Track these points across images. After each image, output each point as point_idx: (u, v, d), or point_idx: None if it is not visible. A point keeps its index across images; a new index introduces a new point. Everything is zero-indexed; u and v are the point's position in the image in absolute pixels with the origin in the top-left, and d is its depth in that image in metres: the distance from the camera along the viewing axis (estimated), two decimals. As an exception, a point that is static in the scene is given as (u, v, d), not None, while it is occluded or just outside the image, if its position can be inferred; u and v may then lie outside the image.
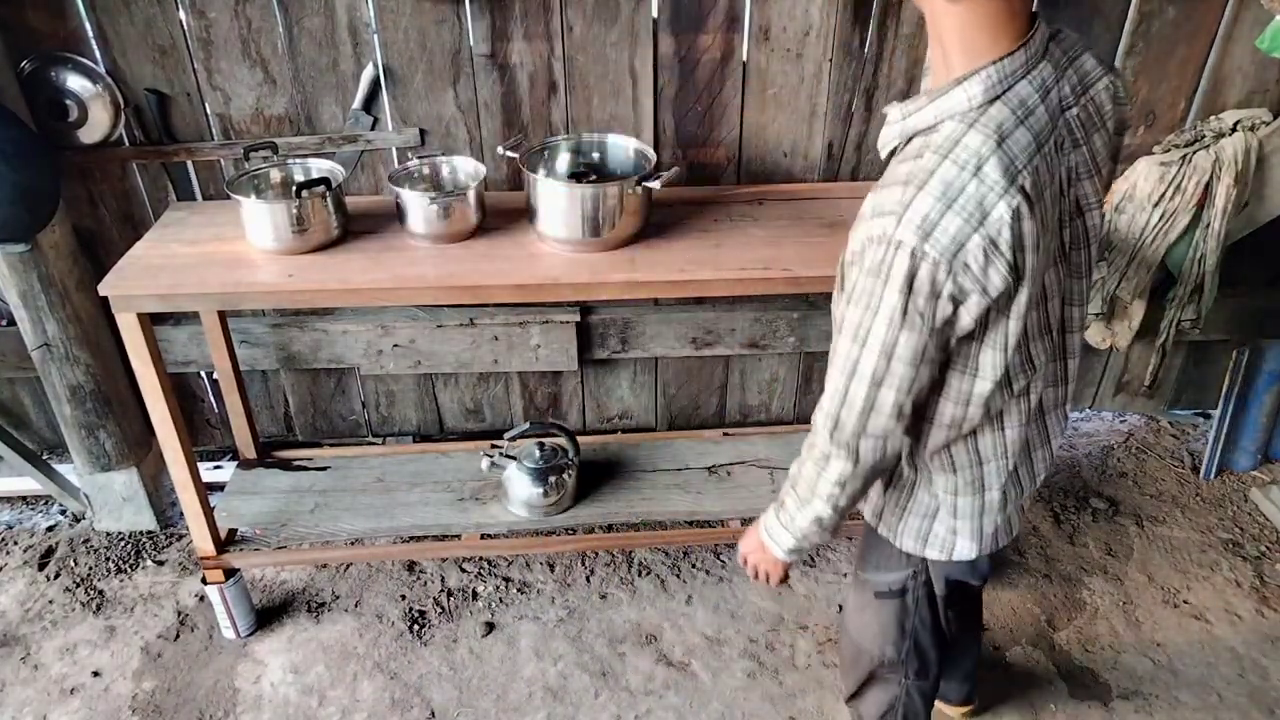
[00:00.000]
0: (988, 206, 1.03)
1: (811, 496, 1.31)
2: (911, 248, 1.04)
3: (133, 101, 2.24)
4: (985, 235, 1.03)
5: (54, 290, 2.28)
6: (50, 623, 2.42)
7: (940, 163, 1.05)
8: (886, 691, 1.72)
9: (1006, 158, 1.04)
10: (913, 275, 1.05)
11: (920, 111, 1.11)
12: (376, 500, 2.41)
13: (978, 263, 1.04)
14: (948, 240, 1.03)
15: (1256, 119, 2.34)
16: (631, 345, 2.66)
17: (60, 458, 2.84)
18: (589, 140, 2.19)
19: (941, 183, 1.04)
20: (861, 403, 1.18)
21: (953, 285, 1.05)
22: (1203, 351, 2.87)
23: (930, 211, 1.03)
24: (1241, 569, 2.54)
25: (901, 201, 1.05)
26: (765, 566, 1.48)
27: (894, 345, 1.11)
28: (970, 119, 1.06)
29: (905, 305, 1.07)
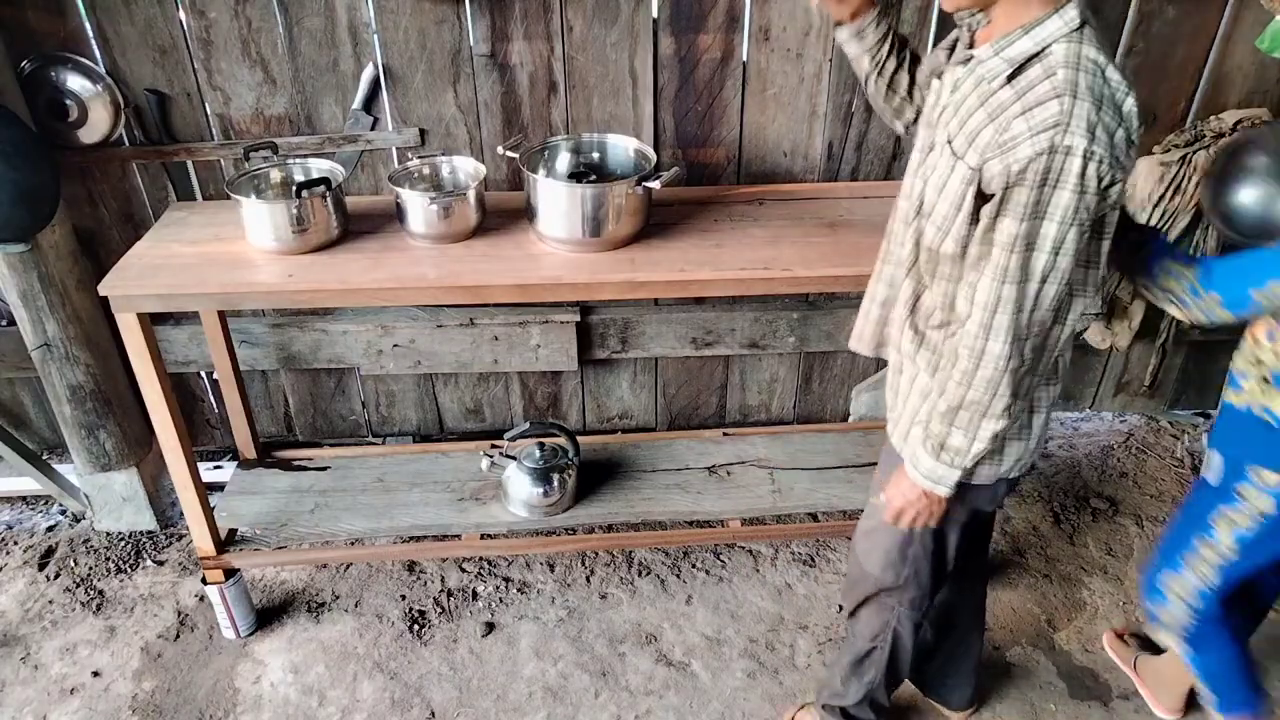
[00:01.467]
0: (1119, 103, 1.24)
1: (984, 419, 1.40)
2: (1083, 149, 1.20)
3: (133, 101, 2.24)
4: (1125, 128, 1.24)
5: (54, 290, 2.28)
6: (50, 623, 2.42)
7: (1077, 75, 1.22)
8: (880, 615, 1.79)
9: (1116, 63, 1.26)
10: (1083, 174, 1.21)
11: (1017, 43, 1.27)
12: (376, 500, 2.41)
13: (1125, 152, 1.24)
14: (1107, 138, 1.21)
15: (1256, 119, 2.34)
16: (631, 345, 2.66)
17: (60, 458, 2.84)
18: (589, 140, 2.19)
19: (1087, 90, 1.21)
20: (1033, 302, 1.30)
21: (1111, 176, 1.23)
22: (1203, 351, 2.87)
23: (1089, 115, 1.20)
24: (1241, 569, 2.54)
25: (1063, 112, 1.20)
26: (932, 508, 1.54)
27: (1063, 240, 1.25)
28: (1076, 38, 1.24)
29: (1077, 203, 1.23)
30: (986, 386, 1.37)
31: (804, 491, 2.43)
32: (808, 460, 2.53)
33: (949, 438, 1.45)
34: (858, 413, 2.85)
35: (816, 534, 2.59)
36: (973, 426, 1.42)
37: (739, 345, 2.67)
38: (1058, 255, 1.27)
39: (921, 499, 1.53)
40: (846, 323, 2.65)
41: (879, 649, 1.83)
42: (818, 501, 2.41)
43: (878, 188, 2.35)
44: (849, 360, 2.79)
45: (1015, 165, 1.23)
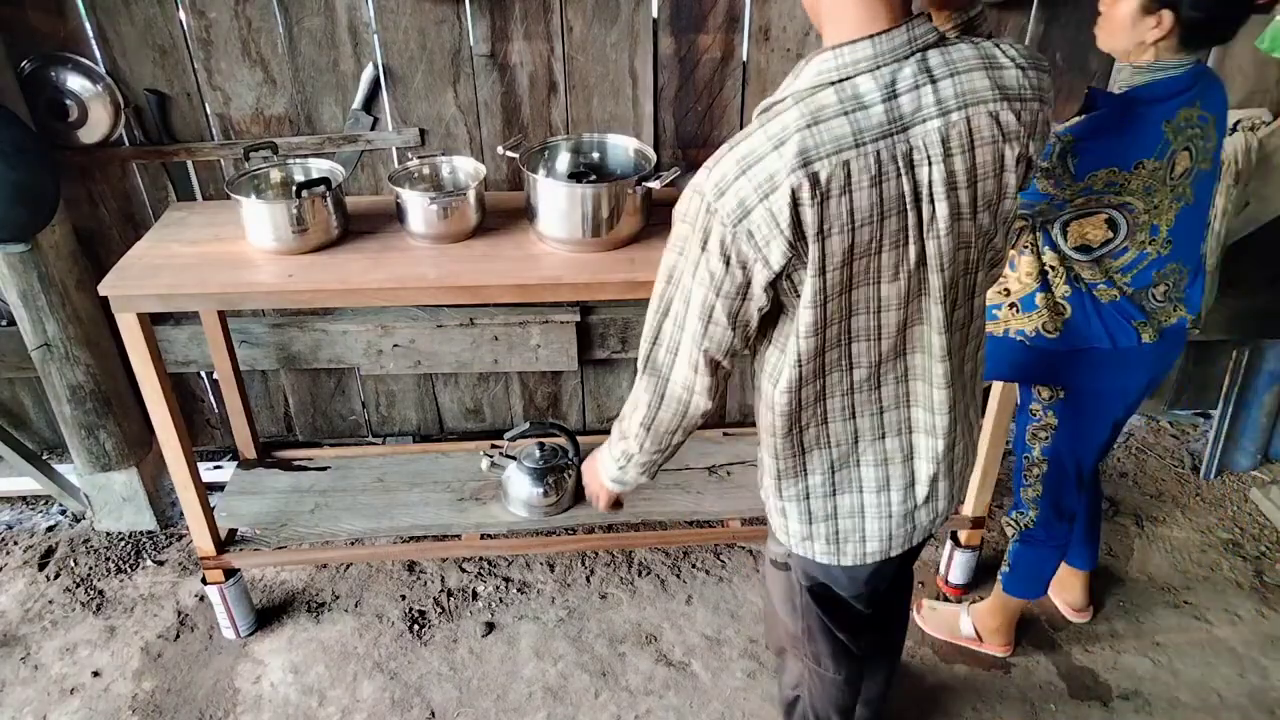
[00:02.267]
0: (777, 181, 1.05)
1: (626, 433, 1.36)
2: (709, 203, 1.09)
3: (133, 101, 2.24)
4: (768, 208, 1.06)
5: (54, 290, 2.28)
6: (50, 623, 2.42)
7: (756, 130, 1.08)
8: (794, 665, 1.72)
9: (811, 140, 1.05)
10: (707, 230, 1.10)
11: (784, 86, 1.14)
12: (376, 500, 2.41)
13: (761, 233, 1.07)
14: (735, 203, 1.07)
15: (1256, 119, 2.34)
16: (631, 345, 2.66)
17: (60, 458, 2.84)
18: (589, 140, 2.19)
19: (747, 148, 1.07)
20: (668, 342, 1.22)
21: (737, 249, 1.09)
22: (1203, 351, 2.87)
23: (729, 172, 1.07)
24: (1241, 569, 2.54)
25: (716, 158, 1.10)
26: (594, 489, 1.54)
27: (689, 294, 1.16)
28: (800, 97, 1.07)
29: (700, 259, 1.12)
30: (631, 400, 1.33)
31: (804, 491, 2.43)
32: (808, 460, 2.53)
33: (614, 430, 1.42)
34: (858, 413, 2.85)
35: (816, 534, 2.59)
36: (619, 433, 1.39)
37: (739, 345, 2.67)
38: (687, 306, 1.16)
39: (590, 472, 1.53)
40: (846, 323, 2.65)
41: (801, 699, 1.74)
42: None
43: (878, 188, 2.35)
44: (849, 360, 2.78)
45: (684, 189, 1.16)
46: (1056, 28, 2.27)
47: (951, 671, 2.27)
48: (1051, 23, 2.26)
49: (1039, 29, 2.27)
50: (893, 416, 1.29)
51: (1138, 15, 1.56)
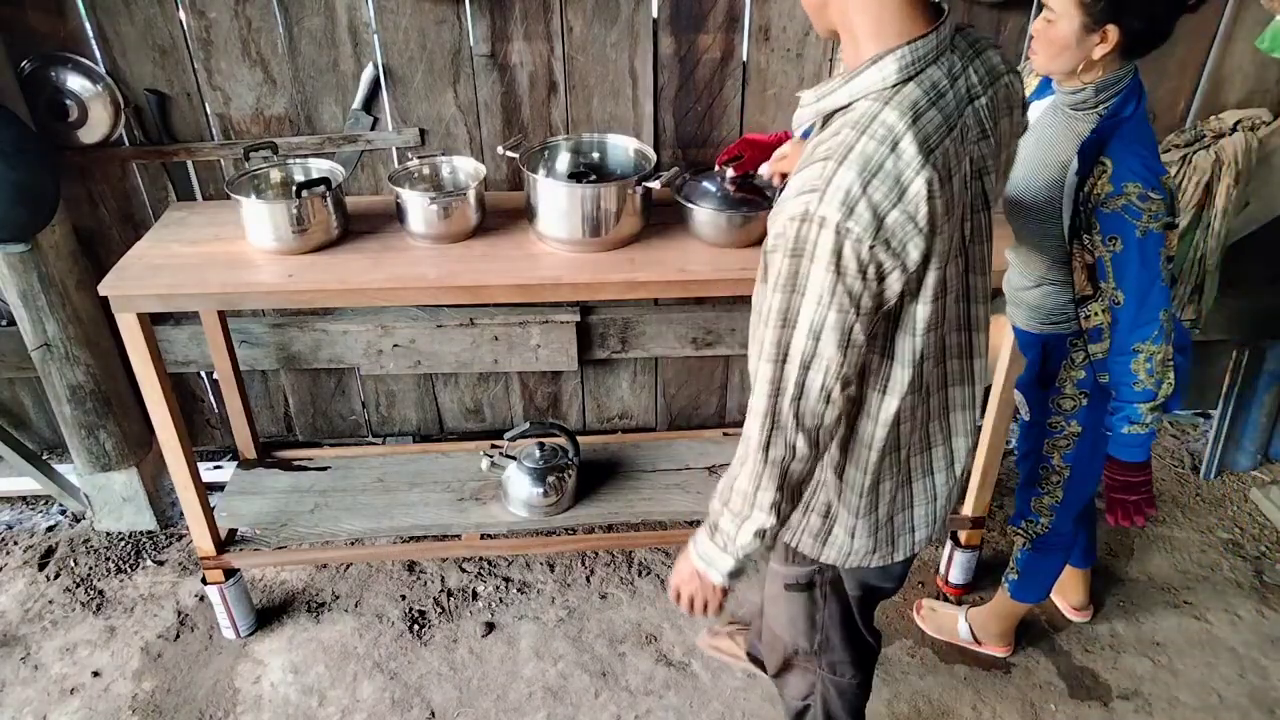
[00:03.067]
0: (905, 182, 1.04)
1: (750, 510, 1.24)
2: (836, 223, 1.03)
3: (133, 101, 2.24)
4: (904, 210, 1.04)
5: (54, 290, 2.28)
6: (50, 623, 2.42)
7: (858, 138, 1.05)
8: (804, 679, 1.71)
9: (921, 135, 1.05)
10: (839, 252, 1.04)
11: (834, 93, 1.12)
12: (376, 500, 2.41)
13: (897, 238, 1.05)
14: (870, 215, 1.03)
15: (1256, 119, 2.34)
16: (631, 345, 2.66)
17: (60, 458, 2.84)
18: (589, 140, 2.19)
19: (861, 157, 1.04)
20: (794, 388, 1.14)
21: (875, 261, 1.05)
22: (1203, 351, 2.87)
23: (851, 186, 1.03)
24: (1241, 569, 2.54)
25: (823, 177, 1.04)
26: (704, 596, 1.38)
27: (822, 326, 1.09)
28: (885, 97, 1.07)
29: (834, 284, 1.06)
30: (750, 474, 1.22)
31: (804, 491, 2.43)
32: (808, 460, 2.53)
33: (720, 518, 1.29)
34: (858, 413, 2.84)
35: (816, 534, 2.59)
36: (738, 514, 1.26)
37: (739, 345, 2.67)
38: (818, 341, 1.10)
39: (694, 580, 1.36)
40: (846, 323, 2.65)
41: (812, 706, 1.73)
42: (818, 501, 2.41)
43: (878, 188, 2.34)
44: (849, 360, 2.78)
45: (776, 226, 1.09)
46: (1056, 28, 2.26)
47: (951, 671, 2.27)
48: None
49: (1039, 29, 2.26)
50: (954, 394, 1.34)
51: (1080, 34, 1.51)
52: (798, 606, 1.56)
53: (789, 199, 1.08)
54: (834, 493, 1.35)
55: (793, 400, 1.15)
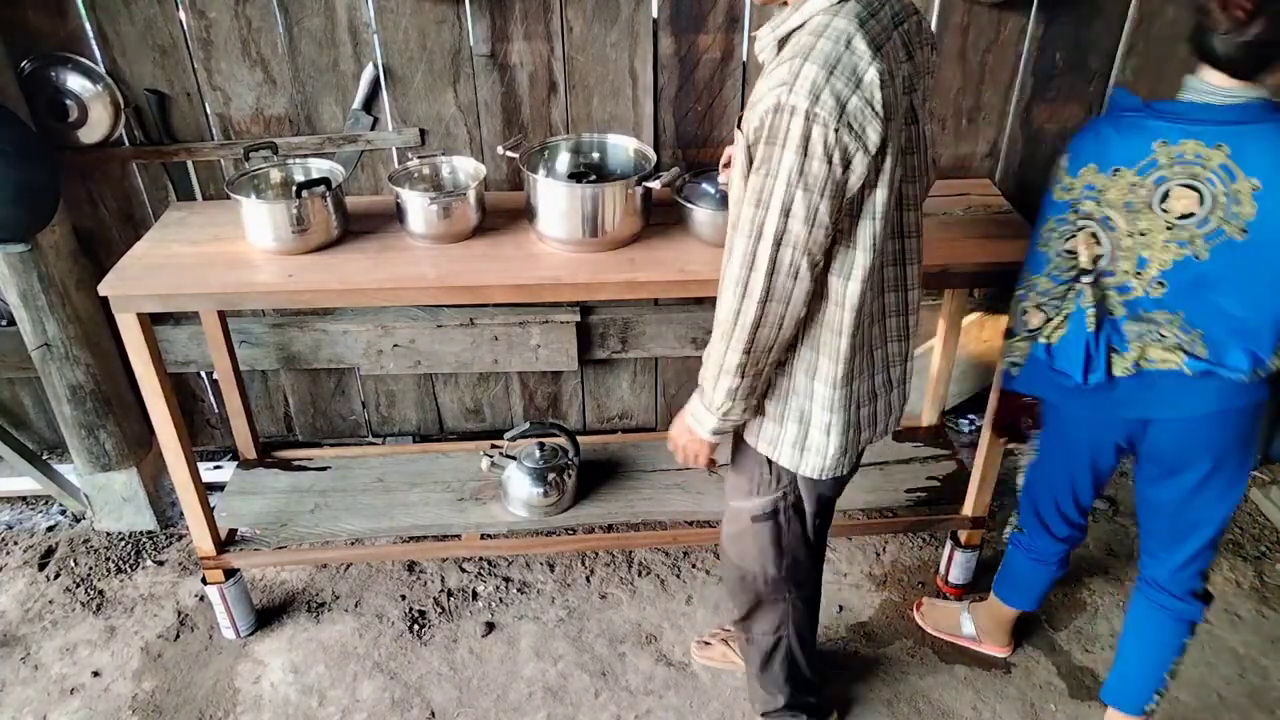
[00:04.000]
0: (860, 72, 1.21)
1: (720, 372, 1.40)
2: (805, 110, 1.19)
3: (133, 101, 2.24)
4: (862, 96, 1.21)
5: (54, 290, 2.28)
6: (50, 623, 2.42)
7: (818, 40, 1.22)
8: (775, 609, 1.81)
9: (869, 35, 1.23)
10: (807, 137, 1.20)
11: (787, 20, 1.30)
12: (376, 500, 2.41)
13: (858, 121, 1.21)
14: (834, 102, 1.19)
15: (1256, 119, 2.33)
16: (631, 345, 2.66)
17: (60, 458, 2.84)
18: (589, 140, 2.19)
19: (822, 54, 1.20)
20: (766, 264, 1.29)
21: (840, 145, 1.21)
22: (1203, 351, 2.87)
23: (816, 77, 1.19)
24: (1241, 569, 2.54)
25: (791, 73, 1.21)
26: (694, 449, 1.58)
27: (790, 202, 1.24)
28: (834, 10, 1.25)
29: (802, 166, 1.22)
30: (721, 336, 1.38)
31: (804, 491, 2.43)
32: (808, 460, 2.53)
33: (703, 379, 1.47)
34: (858, 413, 2.85)
35: (816, 534, 2.59)
36: (713, 376, 1.43)
37: (739, 345, 2.67)
38: (788, 218, 1.25)
39: (686, 433, 1.56)
40: (846, 323, 2.65)
41: (784, 637, 1.85)
42: (818, 501, 2.41)
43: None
44: (849, 360, 2.78)
45: (753, 121, 1.26)
46: (1056, 28, 2.27)
47: (951, 671, 2.27)
48: (1051, 23, 2.26)
49: (1039, 29, 2.27)
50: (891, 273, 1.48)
51: None
52: (766, 535, 1.67)
53: (762, 96, 1.24)
54: (806, 396, 1.48)
55: (764, 275, 1.30)
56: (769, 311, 1.33)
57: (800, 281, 1.31)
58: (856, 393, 1.48)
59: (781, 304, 1.33)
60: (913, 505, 2.40)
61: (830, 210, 1.25)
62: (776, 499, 1.62)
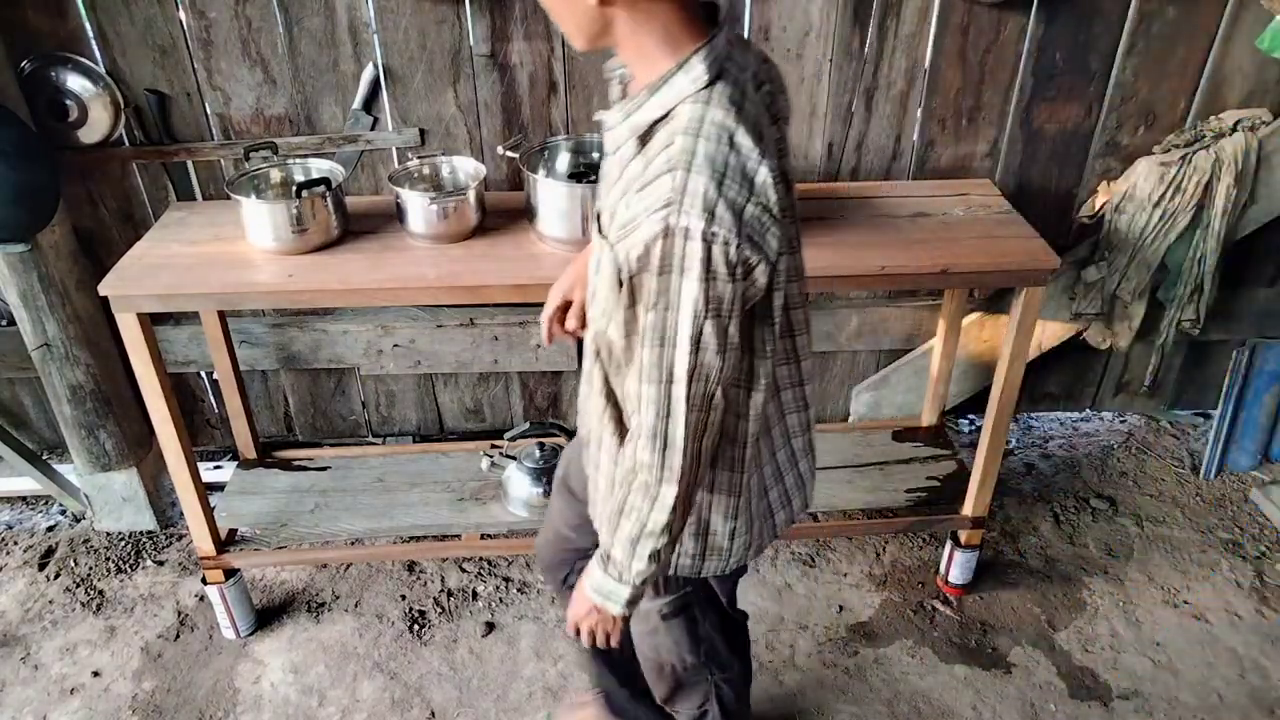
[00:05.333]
0: (751, 173, 1.06)
1: (641, 536, 1.22)
2: (701, 231, 1.02)
3: (133, 101, 2.24)
4: (757, 202, 1.06)
5: (54, 290, 2.28)
6: (50, 623, 2.42)
7: (695, 142, 1.05)
8: (697, 691, 1.69)
9: (749, 125, 1.08)
10: (708, 260, 1.04)
11: (644, 107, 1.12)
12: (376, 500, 2.41)
13: (758, 231, 1.06)
14: (730, 215, 1.03)
15: (1256, 119, 2.34)
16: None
17: (60, 458, 2.84)
18: (589, 140, 2.19)
19: (706, 160, 1.04)
20: (683, 406, 1.13)
21: (743, 260, 1.05)
22: (1203, 351, 2.87)
23: (706, 191, 1.03)
24: (1241, 569, 2.54)
25: (674, 189, 1.04)
26: (604, 628, 1.37)
27: (700, 334, 1.08)
28: (703, 98, 1.08)
29: (707, 292, 1.05)
30: (642, 497, 1.20)
31: (804, 491, 2.43)
32: (808, 460, 2.53)
33: (613, 548, 1.27)
34: (858, 413, 2.85)
35: (816, 534, 2.59)
36: (631, 541, 1.23)
37: (739, 345, 2.67)
38: (699, 351, 1.08)
39: (593, 614, 1.35)
40: (846, 323, 2.65)
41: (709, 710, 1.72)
42: (818, 501, 2.41)
43: (878, 188, 2.35)
44: (849, 360, 2.79)
45: (636, 250, 1.08)
46: (1056, 28, 2.27)
47: (951, 672, 2.27)
48: (1051, 23, 2.26)
49: (1039, 29, 2.27)
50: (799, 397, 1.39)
51: None
52: (679, 629, 1.54)
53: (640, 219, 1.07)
54: (706, 509, 1.33)
55: (684, 418, 1.13)
56: (693, 453, 1.16)
57: (717, 410, 1.16)
58: (760, 484, 1.37)
59: (704, 439, 1.17)
60: (913, 505, 2.40)
61: (739, 328, 1.11)
62: (684, 595, 1.49)
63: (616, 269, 1.14)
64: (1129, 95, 2.37)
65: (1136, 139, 2.44)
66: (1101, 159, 2.47)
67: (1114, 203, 2.45)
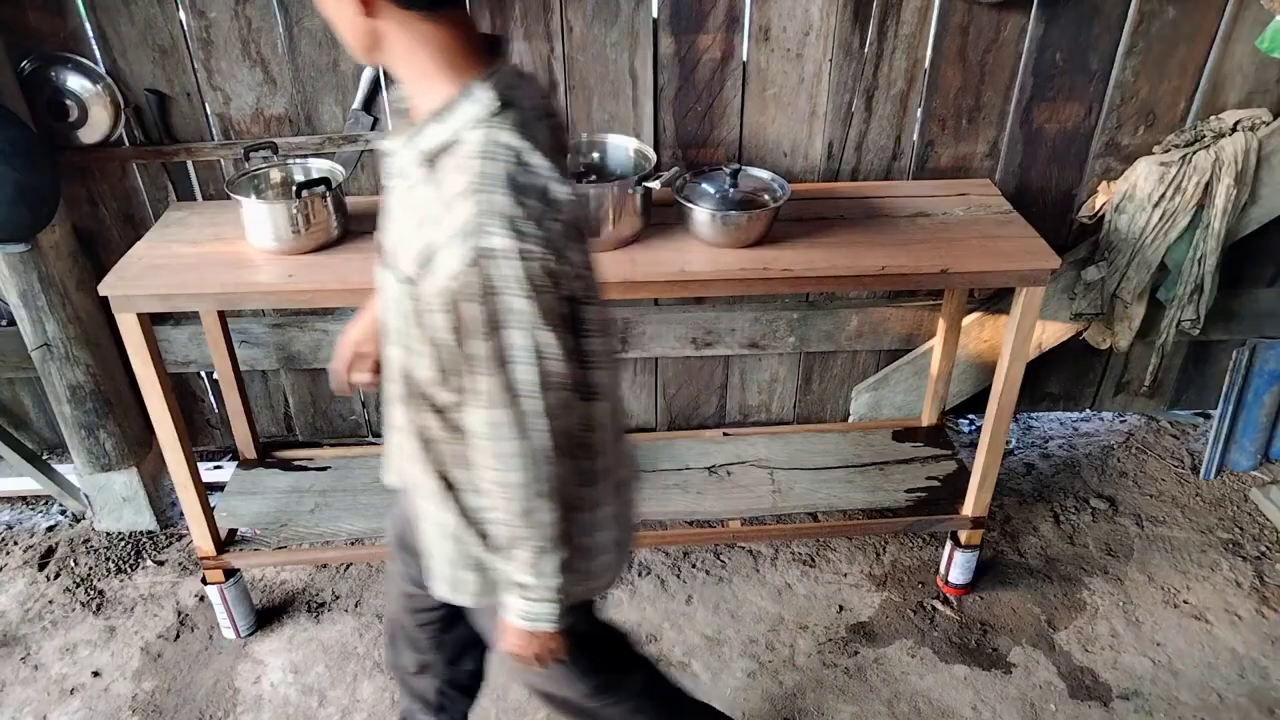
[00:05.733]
0: (544, 189, 1.08)
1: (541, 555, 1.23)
2: (510, 249, 1.04)
3: (133, 101, 2.24)
4: (557, 218, 1.08)
5: (54, 290, 2.28)
6: (50, 623, 2.42)
7: (491, 164, 1.06)
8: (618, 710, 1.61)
9: (541, 147, 1.10)
10: (527, 275, 1.05)
11: (427, 133, 1.12)
12: (376, 500, 2.41)
13: (562, 243, 1.08)
14: (536, 230, 1.05)
15: (1256, 119, 2.34)
16: (631, 345, 2.66)
17: (60, 458, 2.84)
18: (589, 140, 2.19)
19: (503, 182, 1.05)
20: (541, 420, 1.13)
21: (555, 273, 1.07)
22: (1203, 351, 2.87)
23: (508, 210, 1.04)
24: (1241, 569, 2.54)
25: (476, 212, 1.04)
26: (546, 649, 1.36)
27: (538, 348, 1.09)
28: (491, 124, 1.09)
29: (534, 307, 1.07)
30: (528, 519, 1.19)
31: (804, 491, 2.43)
32: (808, 460, 2.53)
33: (520, 575, 1.27)
34: (858, 413, 2.85)
35: (816, 534, 2.59)
36: (530, 563, 1.24)
37: (739, 345, 2.67)
38: (543, 362, 1.10)
39: (530, 642, 1.34)
40: (847, 323, 2.65)
41: None
42: (818, 501, 2.41)
43: (878, 188, 2.35)
44: (849, 360, 2.79)
45: (450, 281, 1.06)
46: (1056, 28, 2.27)
47: (951, 671, 2.27)
48: (1051, 23, 2.26)
49: (1039, 29, 2.27)
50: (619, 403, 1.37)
51: None
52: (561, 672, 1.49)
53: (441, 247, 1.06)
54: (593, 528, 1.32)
55: (543, 430, 1.14)
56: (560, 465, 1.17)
57: (574, 415, 1.17)
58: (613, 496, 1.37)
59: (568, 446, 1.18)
60: (913, 505, 2.40)
61: (575, 334, 1.13)
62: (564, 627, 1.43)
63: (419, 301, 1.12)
64: (1129, 95, 2.37)
65: (1136, 139, 2.44)
66: (1101, 159, 2.47)
67: (1114, 203, 2.45)
